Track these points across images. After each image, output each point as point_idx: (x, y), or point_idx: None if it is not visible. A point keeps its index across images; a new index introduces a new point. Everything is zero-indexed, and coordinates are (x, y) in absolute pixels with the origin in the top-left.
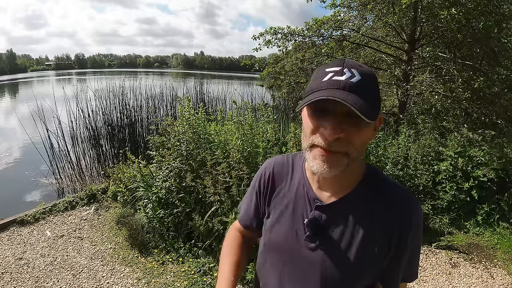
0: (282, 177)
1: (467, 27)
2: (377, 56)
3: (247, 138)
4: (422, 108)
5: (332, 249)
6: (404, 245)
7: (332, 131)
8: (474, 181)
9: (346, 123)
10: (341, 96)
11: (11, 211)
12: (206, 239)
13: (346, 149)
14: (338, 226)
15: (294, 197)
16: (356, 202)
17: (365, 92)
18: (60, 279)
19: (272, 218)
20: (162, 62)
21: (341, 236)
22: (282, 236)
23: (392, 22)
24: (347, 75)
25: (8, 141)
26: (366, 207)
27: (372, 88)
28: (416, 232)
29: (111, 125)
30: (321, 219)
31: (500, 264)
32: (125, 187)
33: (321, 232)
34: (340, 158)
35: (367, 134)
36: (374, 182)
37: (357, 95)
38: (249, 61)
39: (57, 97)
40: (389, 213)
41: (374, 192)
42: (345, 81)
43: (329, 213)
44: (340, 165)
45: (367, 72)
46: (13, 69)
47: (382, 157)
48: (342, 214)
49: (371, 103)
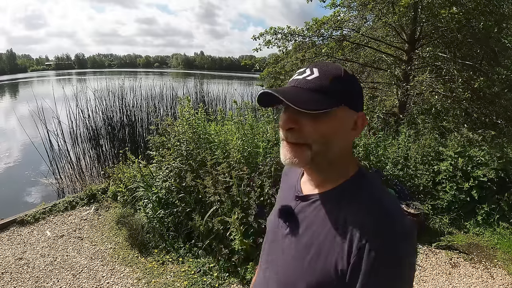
0: (287, 173)
1: (467, 27)
2: (377, 56)
3: (248, 138)
4: (422, 108)
5: (296, 242)
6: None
7: (283, 122)
8: (474, 181)
9: (300, 115)
10: (285, 90)
11: (11, 211)
12: (206, 239)
13: (303, 140)
14: (306, 220)
15: (288, 188)
16: (331, 202)
17: (316, 86)
18: (60, 279)
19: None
20: (162, 62)
21: (307, 229)
22: (270, 220)
23: (392, 22)
24: (306, 74)
25: (8, 141)
26: (338, 210)
27: (331, 82)
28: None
29: (111, 125)
30: (295, 207)
31: (500, 264)
32: (125, 187)
33: (292, 220)
34: (301, 150)
35: (328, 126)
36: (357, 188)
37: (305, 88)
38: (249, 61)
39: (57, 97)
40: (360, 227)
41: (351, 197)
42: (300, 79)
43: (303, 204)
44: (302, 156)
45: (331, 69)
46: (13, 69)
47: (382, 157)
48: (313, 209)
49: (320, 95)
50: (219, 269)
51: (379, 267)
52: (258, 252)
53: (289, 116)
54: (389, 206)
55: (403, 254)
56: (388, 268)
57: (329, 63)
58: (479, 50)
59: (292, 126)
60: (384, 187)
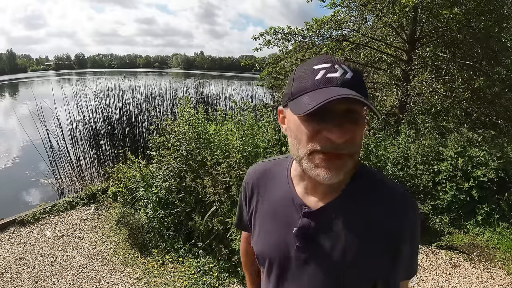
0: (265, 183)
1: (467, 27)
2: (377, 56)
3: (248, 138)
4: (422, 108)
5: (325, 260)
6: (403, 247)
7: (341, 133)
8: (474, 181)
9: (347, 122)
10: (349, 93)
11: (11, 211)
12: (206, 239)
13: (352, 149)
14: (330, 233)
15: (278, 205)
16: (347, 205)
17: (360, 86)
18: (60, 279)
19: (257, 230)
20: (162, 62)
21: (334, 244)
22: (271, 248)
23: (392, 22)
24: (340, 72)
25: (8, 141)
26: (359, 210)
27: (363, 83)
28: (415, 231)
29: (111, 125)
30: (310, 227)
31: (500, 264)
32: (125, 187)
33: (312, 241)
34: (346, 161)
35: (363, 130)
36: (365, 182)
37: (356, 90)
38: (249, 61)
39: (57, 97)
40: (384, 214)
41: (365, 193)
42: (341, 78)
43: (319, 220)
44: (346, 168)
45: (355, 68)
46: (13, 69)
47: (382, 157)
48: (333, 219)
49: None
50: (219, 269)
51: (415, 244)
52: None
53: (341, 124)
54: (397, 188)
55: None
56: (418, 239)
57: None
58: (479, 50)
59: (349, 137)
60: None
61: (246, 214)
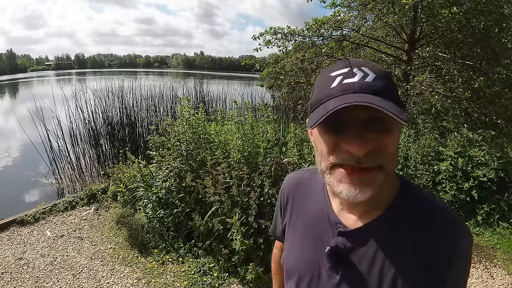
0: (301, 194)
1: (467, 27)
2: (377, 56)
3: (248, 138)
4: (422, 108)
5: (359, 285)
6: (447, 279)
7: (360, 145)
8: (474, 181)
9: (371, 130)
10: (364, 99)
11: (11, 211)
12: (206, 239)
13: (380, 161)
14: (366, 256)
15: (312, 218)
16: (389, 227)
17: (385, 89)
18: (60, 279)
19: (290, 243)
20: (162, 62)
21: (370, 268)
22: (301, 264)
23: (392, 22)
24: (359, 75)
25: (8, 141)
26: (400, 237)
27: (390, 83)
28: (464, 263)
29: (111, 125)
30: (344, 247)
31: (500, 264)
32: (125, 187)
33: (345, 263)
34: (374, 175)
35: (396, 138)
36: (411, 201)
37: (379, 95)
38: (249, 61)
39: (57, 97)
40: (431, 240)
41: (411, 215)
42: (359, 83)
43: (355, 241)
44: (375, 184)
45: (378, 67)
46: (13, 69)
47: None
48: (371, 242)
49: (397, 100)
50: (219, 269)
51: (463, 274)
52: (259, 252)
53: (361, 134)
54: (448, 212)
55: (470, 253)
56: (467, 270)
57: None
58: (479, 50)
59: (373, 148)
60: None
61: (280, 223)
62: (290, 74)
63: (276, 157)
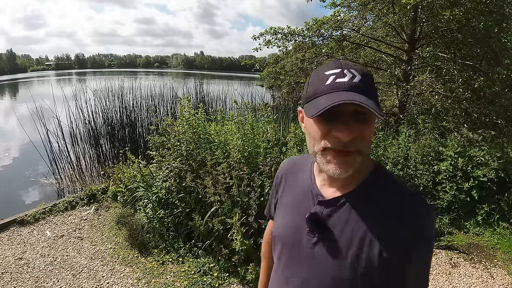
0: (292, 175)
1: (467, 27)
2: (377, 56)
3: (248, 138)
4: (422, 108)
5: (331, 246)
6: (410, 253)
7: (347, 132)
8: (474, 181)
9: (355, 121)
10: (352, 97)
11: (11, 211)
12: (206, 239)
13: (360, 147)
14: (339, 223)
15: (299, 193)
16: (360, 200)
17: (369, 89)
18: (60, 279)
19: (278, 212)
20: (162, 62)
21: (341, 233)
22: (286, 230)
23: (392, 22)
24: (349, 76)
25: (8, 141)
26: (370, 206)
27: (372, 85)
28: (427, 240)
29: (111, 125)
30: (322, 214)
31: (500, 264)
32: (125, 187)
33: (321, 227)
34: (354, 157)
35: (373, 129)
36: (381, 181)
37: (363, 94)
38: (249, 61)
39: (57, 97)
40: (395, 215)
41: (380, 191)
42: (348, 83)
43: (331, 209)
44: (355, 164)
45: (364, 70)
46: (13, 69)
47: (382, 157)
48: (344, 210)
49: (375, 99)
50: (219, 269)
51: (427, 248)
52: (258, 252)
53: (349, 124)
54: (416, 191)
55: (434, 231)
56: (431, 246)
57: (353, 62)
58: (479, 50)
59: (356, 135)
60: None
61: (274, 201)
62: (290, 74)
63: (276, 157)
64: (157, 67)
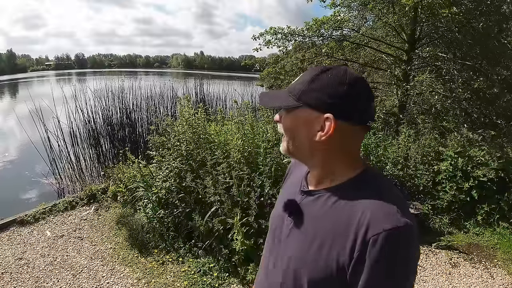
0: (294, 170)
1: (467, 27)
2: (377, 56)
3: (248, 138)
4: (422, 108)
5: (300, 234)
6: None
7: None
8: (474, 181)
9: (282, 112)
10: (269, 92)
11: (11, 211)
12: (206, 239)
13: (282, 131)
14: (312, 213)
15: (294, 184)
16: (335, 197)
17: (290, 87)
18: (60, 279)
19: (276, 203)
20: (162, 62)
21: (311, 224)
22: (274, 215)
23: (392, 22)
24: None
25: (8, 142)
26: (342, 206)
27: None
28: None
29: (111, 125)
30: (301, 202)
31: (500, 264)
32: (125, 187)
33: (297, 214)
34: (283, 140)
35: (290, 122)
36: (361, 186)
37: (285, 89)
38: (249, 62)
39: (57, 97)
40: (361, 222)
41: (354, 195)
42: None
43: (309, 199)
44: (283, 145)
45: (311, 72)
46: (13, 69)
47: (382, 157)
48: (319, 203)
49: (286, 95)
50: (219, 269)
51: (383, 263)
52: (258, 252)
53: (278, 112)
54: (392, 203)
55: (405, 251)
56: (390, 263)
57: (327, 66)
58: (479, 50)
59: (276, 120)
60: (390, 186)
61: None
62: (290, 74)
63: (276, 157)
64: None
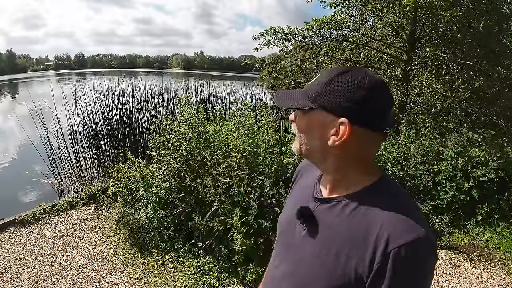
0: (306, 171)
1: (467, 27)
2: (377, 56)
3: (248, 138)
4: (422, 108)
5: (314, 242)
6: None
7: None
8: (474, 181)
9: (297, 112)
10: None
11: (11, 211)
12: (206, 239)
13: (295, 131)
14: (327, 222)
15: (305, 188)
16: (351, 206)
17: (306, 88)
18: (60, 279)
19: (285, 207)
20: (162, 62)
21: (325, 232)
22: (284, 221)
23: (392, 22)
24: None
25: (8, 142)
26: (359, 216)
27: (314, 85)
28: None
29: (111, 125)
30: (314, 209)
31: (500, 264)
32: (125, 187)
33: (311, 222)
34: (296, 139)
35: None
36: (377, 196)
37: (301, 90)
38: (249, 62)
39: (57, 97)
40: (381, 233)
41: (368, 206)
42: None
43: (324, 207)
44: (295, 145)
45: (329, 73)
46: (13, 69)
47: (382, 157)
48: (334, 212)
49: (302, 96)
50: (219, 269)
51: (404, 275)
52: (259, 252)
53: (294, 111)
54: (411, 213)
55: (426, 263)
56: (412, 276)
57: (346, 68)
58: (479, 50)
59: (291, 119)
60: (407, 194)
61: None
62: (290, 74)
63: (276, 157)
64: (157, 67)
